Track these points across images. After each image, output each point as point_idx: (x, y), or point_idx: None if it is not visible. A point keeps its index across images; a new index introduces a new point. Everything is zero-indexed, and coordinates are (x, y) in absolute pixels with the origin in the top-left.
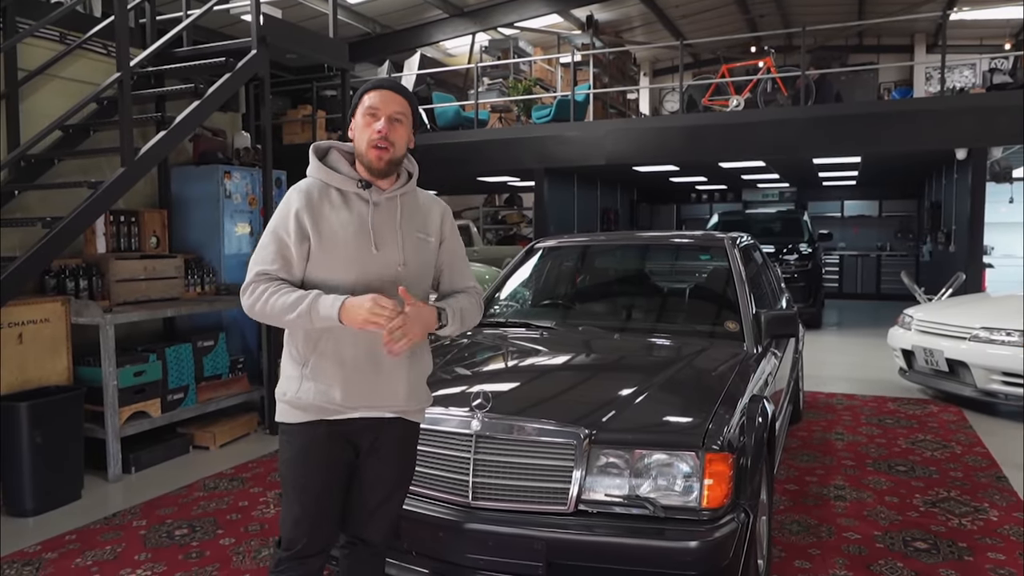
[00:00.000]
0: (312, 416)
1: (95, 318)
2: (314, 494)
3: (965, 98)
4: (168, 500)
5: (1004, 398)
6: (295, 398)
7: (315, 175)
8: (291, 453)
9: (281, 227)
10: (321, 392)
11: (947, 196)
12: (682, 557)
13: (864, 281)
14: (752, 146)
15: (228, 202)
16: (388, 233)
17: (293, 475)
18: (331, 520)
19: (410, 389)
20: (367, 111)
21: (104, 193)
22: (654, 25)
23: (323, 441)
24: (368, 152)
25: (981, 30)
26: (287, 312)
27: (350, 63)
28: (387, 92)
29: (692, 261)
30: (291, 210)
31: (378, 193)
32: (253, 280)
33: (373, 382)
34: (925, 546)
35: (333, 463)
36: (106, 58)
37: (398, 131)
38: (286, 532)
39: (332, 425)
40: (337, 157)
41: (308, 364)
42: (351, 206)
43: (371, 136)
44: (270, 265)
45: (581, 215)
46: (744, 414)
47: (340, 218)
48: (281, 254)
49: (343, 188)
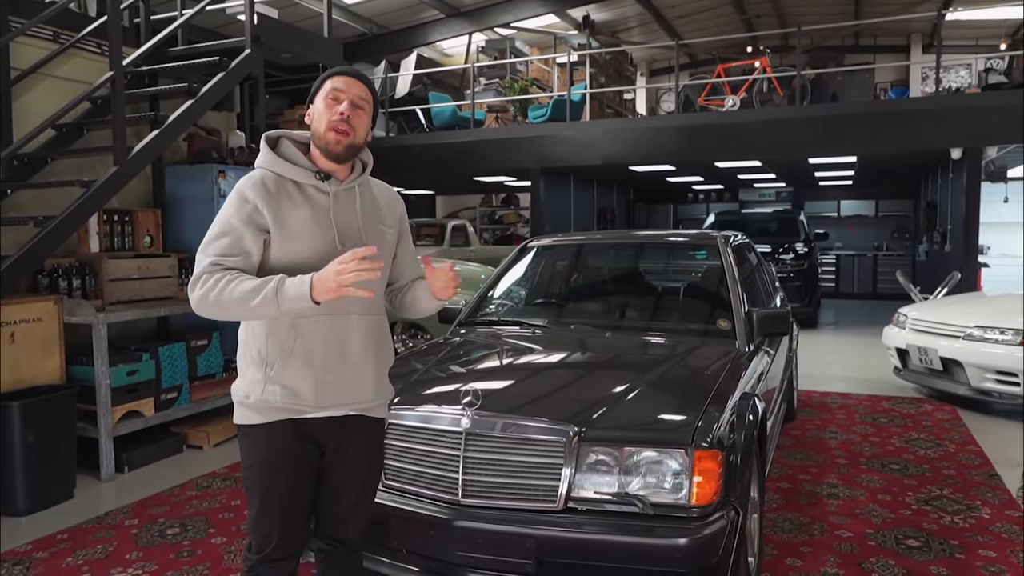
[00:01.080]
0: (277, 416)
1: (88, 317)
2: (281, 496)
3: (960, 98)
4: (160, 499)
5: (998, 396)
6: (260, 401)
7: (268, 167)
8: (255, 456)
9: (236, 218)
10: (289, 394)
11: (943, 196)
12: (671, 554)
13: (861, 281)
14: (748, 146)
15: (222, 201)
16: (351, 227)
17: (259, 478)
18: (301, 522)
19: (377, 383)
20: (329, 94)
21: (97, 192)
22: (651, 25)
23: (289, 441)
24: (327, 134)
25: (977, 30)
26: (249, 298)
27: (345, 63)
28: (351, 78)
29: (685, 260)
30: (246, 203)
31: (336, 184)
32: (206, 270)
33: (343, 380)
34: (917, 544)
35: (299, 464)
36: (100, 57)
37: (360, 117)
38: (256, 536)
39: (297, 424)
40: (289, 147)
41: (273, 366)
42: (309, 199)
43: (332, 117)
44: (226, 256)
45: (577, 215)
46: (734, 412)
47: (301, 213)
48: (238, 245)
49: (300, 180)
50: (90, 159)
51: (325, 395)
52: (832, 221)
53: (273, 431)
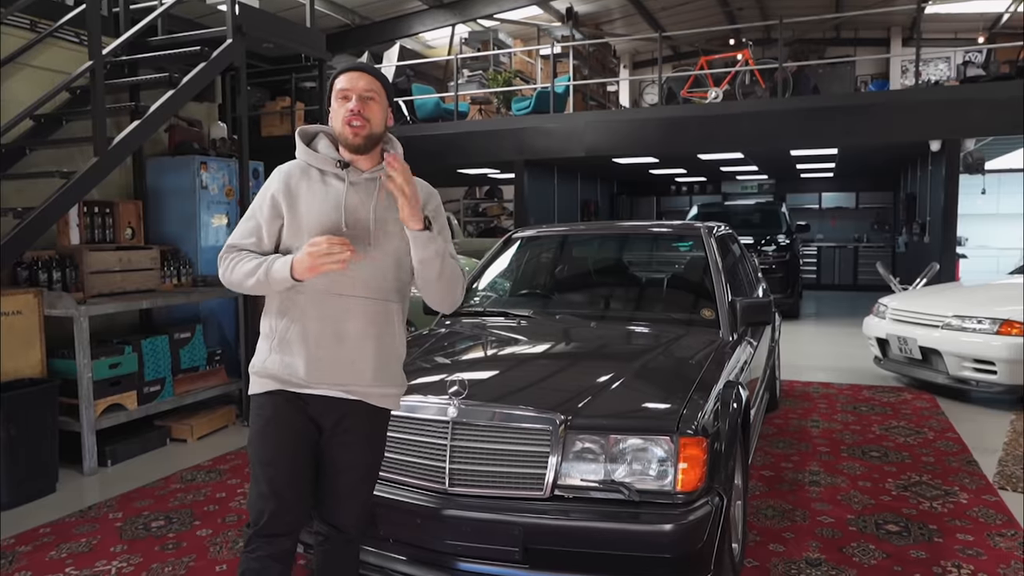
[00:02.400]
0: (275, 386)
1: (69, 310)
2: (276, 466)
3: (939, 91)
4: (144, 493)
5: (975, 385)
6: (261, 368)
7: (298, 156)
8: (257, 425)
9: (258, 205)
10: (286, 365)
11: (922, 188)
12: (656, 540)
13: (842, 272)
14: (731, 138)
15: (204, 193)
16: (361, 213)
17: (257, 448)
18: (298, 498)
19: (376, 370)
20: (339, 94)
21: (77, 183)
22: (633, 17)
23: (284, 412)
24: (344, 130)
25: (956, 24)
26: (248, 278)
27: (328, 53)
28: (354, 73)
29: (669, 251)
30: (269, 189)
31: (356, 173)
32: (225, 252)
33: (336, 359)
34: (897, 528)
35: (293, 435)
36: (79, 47)
37: (371, 108)
38: (253, 508)
39: (296, 399)
40: (323, 139)
41: (276, 338)
42: (327, 185)
43: (344, 115)
44: (243, 239)
45: (561, 207)
46: (719, 400)
47: (315, 197)
48: (254, 231)
49: (323, 168)
50: (69, 150)
51: (317, 372)
52: (813, 213)
53: (272, 401)
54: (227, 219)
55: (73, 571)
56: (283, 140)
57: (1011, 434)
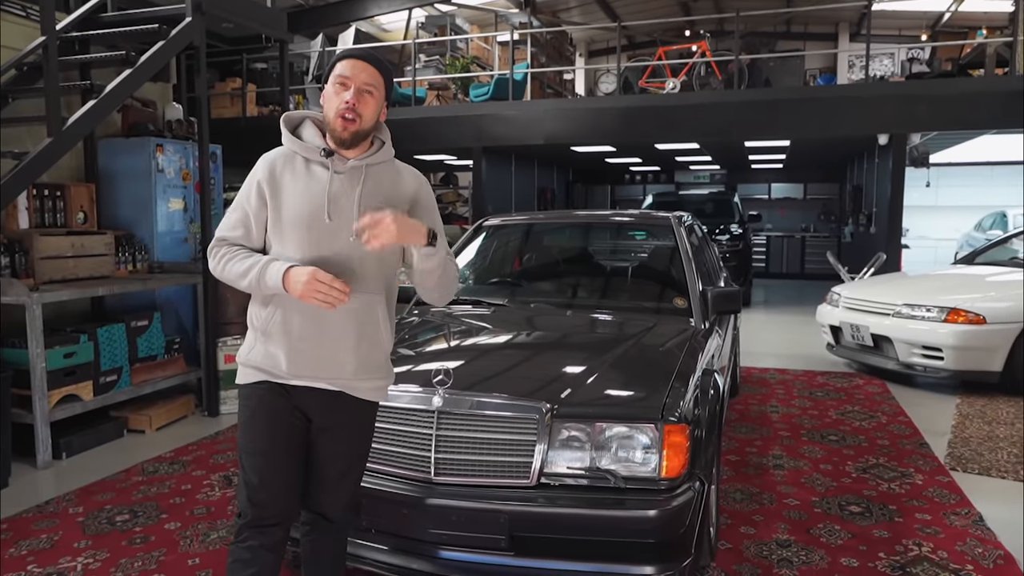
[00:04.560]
0: (260, 376)
1: (20, 297)
2: (263, 455)
3: (888, 86)
4: (105, 486)
5: (923, 370)
6: (247, 359)
7: (284, 143)
8: (243, 416)
9: (244, 194)
10: (269, 355)
11: (868, 180)
12: (641, 526)
13: (789, 261)
14: (688, 128)
15: (160, 176)
16: (345, 202)
17: (245, 438)
18: (288, 487)
19: (359, 363)
20: (337, 79)
21: (30, 164)
22: (590, 6)
23: (269, 400)
24: (335, 121)
25: (900, 21)
26: (240, 279)
27: (289, 34)
28: (359, 62)
29: (640, 240)
30: (255, 177)
31: (341, 162)
32: (215, 244)
33: (318, 352)
34: (859, 510)
35: (279, 425)
36: (25, 21)
37: (367, 103)
38: (242, 499)
39: (282, 389)
40: (309, 126)
41: (261, 330)
42: (312, 174)
43: (339, 105)
44: (231, 231)
45: (519, 195)
46: (698, 387)
47: (298, 186)
48: (242, 221)
49: (308, 156)
50: (16, 130)
51: (298, 364)
52: (763, 203)
53: (257, 391)
54: (184, 204)
55: (36, 569)
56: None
57: (957, 417)
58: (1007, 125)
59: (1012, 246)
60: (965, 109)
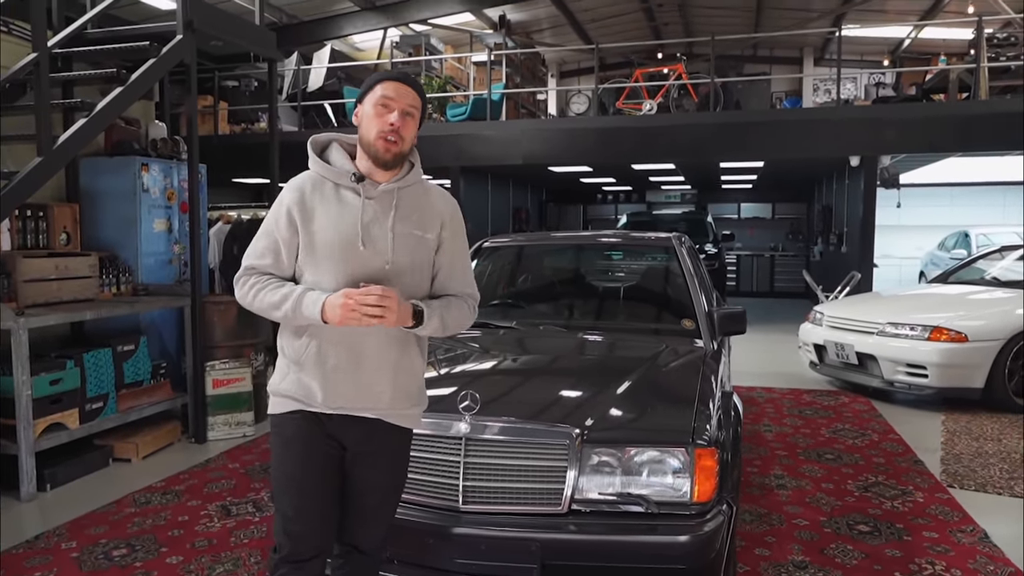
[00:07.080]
0: (293, 405)
1: (6, 322)
2: (298, 485)
3: (857, 109)
4: (97, 518)
5: (908, 388)
6: (279, 388)
7: (311, 168)
8: (277, 446)
9: (272, 221)
10: (303, 386)
11: (839, 200)
12: (674, 551)
13: (759, 280)
14: (666, 149)
15: (145, 196)
16: (378, 229)
17: (279, 468)
18: (323, 518)
19: (394, 390)
20: (380, 100)
21: (19, 184)
22: (563, 28)
23: (303, 430)
24: (376, 142)
25: (863, 46)
26: (274, 310)
27: (278, 53)
28: (402, 85)
29: (643, 261)
30: (283, 204)
31: (372, 187)
32: (243, 274)
33: (355, 383)
34: (868, 529)
35: (315, 456)
36: (8, 37)
37: (409, 126)
38: (278, 533)
39: (317, 418)
40: (336, 149)
41: (294, 360)
42: (343, 200)
43: (383, 127)
44: (259, 259)
45: (495, 214)
46: (720, 409)
47: (330, 213)
48: (271, 248)
49: (337, 181)
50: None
51: (333, 395)
52: (733, 223)
53: (291, 420)
54: (169, 224)
55: None
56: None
57: (945, 434)
58: (972, 148)
59: (979, 266)
60: (931, 132)
